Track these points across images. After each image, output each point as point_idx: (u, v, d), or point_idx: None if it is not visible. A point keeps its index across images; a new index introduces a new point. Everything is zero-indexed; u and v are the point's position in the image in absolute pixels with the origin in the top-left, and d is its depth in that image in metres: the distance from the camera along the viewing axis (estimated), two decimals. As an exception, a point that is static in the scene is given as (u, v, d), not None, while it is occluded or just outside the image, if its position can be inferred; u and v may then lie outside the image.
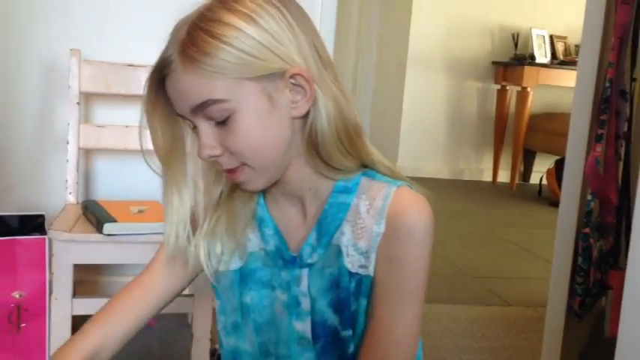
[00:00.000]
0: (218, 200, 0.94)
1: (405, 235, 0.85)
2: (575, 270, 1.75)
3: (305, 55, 0.83)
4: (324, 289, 0.91)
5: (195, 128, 0.86)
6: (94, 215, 1.66)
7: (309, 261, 0.91)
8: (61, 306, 1.63)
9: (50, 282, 1.66)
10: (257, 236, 0.95)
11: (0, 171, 2.10)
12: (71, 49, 1.96)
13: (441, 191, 4.99)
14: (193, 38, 0.81)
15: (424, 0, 5.23)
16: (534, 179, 5.31)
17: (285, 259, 0.93)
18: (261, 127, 0.83)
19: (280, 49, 0.81)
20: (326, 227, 0.90)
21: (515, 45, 5.24)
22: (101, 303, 1.79)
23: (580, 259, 1.71)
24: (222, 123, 0.82)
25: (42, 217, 1.78)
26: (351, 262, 0.89)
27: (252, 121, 0.82)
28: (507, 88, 5.20)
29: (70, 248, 1.61)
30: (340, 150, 0.86)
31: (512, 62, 5.16)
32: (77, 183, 1.94)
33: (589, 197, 1.71)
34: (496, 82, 5.32)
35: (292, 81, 0.83)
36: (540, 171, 5.09)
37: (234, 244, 0.94)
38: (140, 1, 2.14)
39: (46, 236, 1.67)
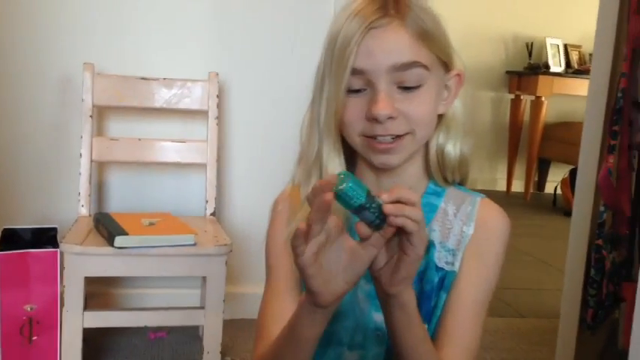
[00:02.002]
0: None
1: (495, 238, 0.95)
2: (587, 282, 1.73)
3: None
4: None
5: (358, 92, 0.87)
6: (106, 228, 1.67)
7: None
8: (73, 319, 1.64)
9: (62, 294, 1.67)
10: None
11: (14, 183, 2.12)
12: (84, 63, 1.98)
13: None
14: (409, 4, 0.88)
15: (438, 8, 5.21)
16: (549, 189, 5.27)
17: None
18: (434, 105, 0.90)
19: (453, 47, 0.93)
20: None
21: (530, 54, 5.21)
22: (112, 316, 1.82)
23: (593, 270, 1.70)
24: (409, 89, 0.87)
25: (54, 229, 1.80)
26: (438, 257, 0.94)
27: (432, 96, 0.89)
28: (521, 97, 5.17)
29: (81, 261, 1.63)
30: (460, 162, 0.96)
31: (527, 71, 5.13)
32: (89, 195, 1.95)
33: (602, 208, 1.70)
34: (510, 92, 5.29)
35: (448, 82, 0.93)
36: (555, 180, 5.05)
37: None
38: (153, 16, 2.16)
39: (58, 249, 1.68)
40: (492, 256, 0.95)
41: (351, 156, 0.96)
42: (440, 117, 0.94)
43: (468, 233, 0.94)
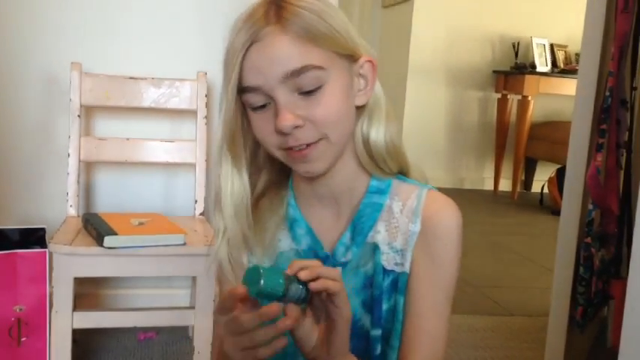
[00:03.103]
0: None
1: (443, 235, 0.91)
2: (576, 280, 1.74)
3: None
4: (357, 288, 0.93)
5: (262, 107, 0.86)
6: (95, 228, 1.66)
7: (343, 260, 0.94)
8: (62, 319, 1.63)
9: (51, 295, 1.66)
10: (288, 237, 0.97)
11: (1, 184, 2.10)
12: (72, 63, 1.96)
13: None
14: (290, 8, 0.84)
15: (424, 9, 5.24)
16: (536, 188, 5.30)
17: (319, 257, 0.95)
18: (344, 102, 0.87)
19: (356, 36, 0.89)
20: (361, 226, 0.93)
21: (516, 54, 5.23)
22: (102, 317, 1.81)
23: (582, 268, 1.71)
24: (309, 93, 0.84)
25: (43, 230, 1.79)
26: (386, 259, 0.92)
27: (339, 94, 0.86)
28: (508, 96, 5.20)
29: (70, 262, 1.61)
30: (388, 149, 0.92)
31: (513, 71, 5.15)
32: (78, 196, 1.94)
33: (590, 207, 1.71)
34: (497, 91, 5.31)
35: (362, 70, 0.90)
36: (542, 179, 5.08)
37: (262, 249, 0.96)
38: (141, 15, 2.14)
39: (46, 249, 1.67)
40: (446, 253, 0.91)
41: (281, 168, 0.96)
42: (363, 107, 0.91)
43: (414, 231, 0.91)
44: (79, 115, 1.95)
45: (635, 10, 1.68)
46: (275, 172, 0.98)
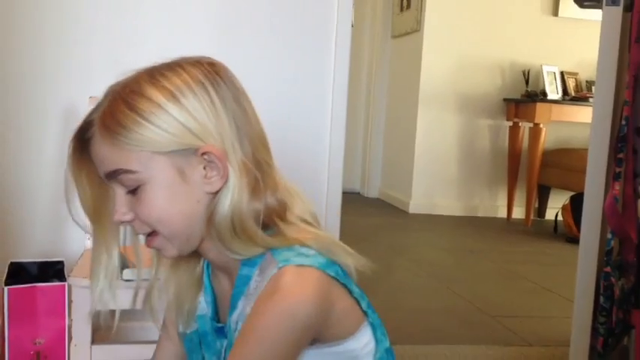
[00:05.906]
0: (161, 268, 0.98)
1: (262, 312, 0.79)
2: (597, 309, 1.73)
3: (223, 135, 0.85)
4: None
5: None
6: (114, 261, 1.67)
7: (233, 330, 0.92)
8: (81, 353, 1.63)
9: (69, 328, 1.66)
10: (203, 301, 0.99)
11: (20, 218, 2.11)
12: (90, 97, 1.98)
13: (455, 228, 4.96)
14: (113, 109, 0.84)
15: (434, 39, 5.28)
16: (550, 215, 5.27)
17: (214, 328, 0.96)
18: (169, 199, 0.85)
19: (196, 127, 0.83)
20: (234, 299, 0.90)
21: (527, 82, 5.26)
22: (120, 349, 1.80)
23: (602, 298, 1.70)
24: (133, 191, 0.85)
25: (61, 263, 1.80)
26: (235, 337, 0.86)
27: (160, 192, 0.85)
28: (520, 124, 5.21)
29: (89, 294, 1.62)
30: (231, 234, 0.85)
31: (524, 99, 5.17)
32: (96, 228, 1.95)
33: (609, 235, 1.70)
34: (508, 119, 5.32)
35: (206, 157, 0.84)
36: (555, 207, 5.06)
37: (184, 310, 0.98)
38: (159, 50, 2.17)
39: (65, 283, 1.68)
40: (257, 331, 0.78)
41: None
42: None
43: (246, 313, 0.84)
44: (97, 149, 1.97)
45: (650, 39, 1.69)
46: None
